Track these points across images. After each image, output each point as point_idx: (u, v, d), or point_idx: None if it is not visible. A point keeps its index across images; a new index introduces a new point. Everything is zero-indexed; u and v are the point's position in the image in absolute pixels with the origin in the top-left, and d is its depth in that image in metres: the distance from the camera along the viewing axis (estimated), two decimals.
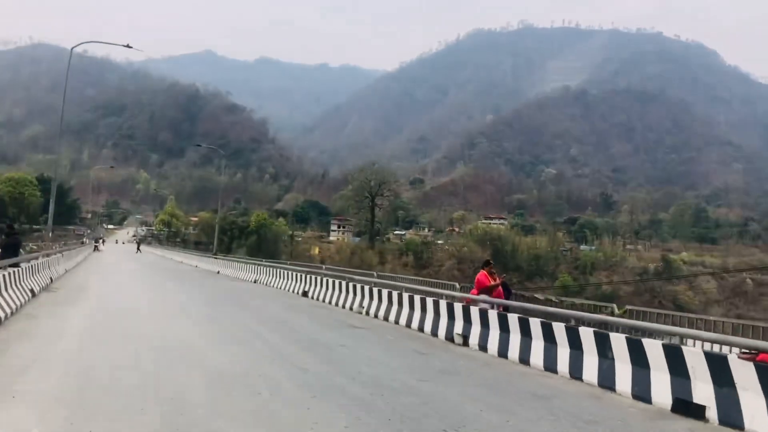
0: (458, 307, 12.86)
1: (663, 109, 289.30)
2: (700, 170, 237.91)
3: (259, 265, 32.83)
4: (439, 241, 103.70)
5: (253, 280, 30.59)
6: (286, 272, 26.76)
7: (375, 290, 17.33)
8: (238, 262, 39.09)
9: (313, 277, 22.93)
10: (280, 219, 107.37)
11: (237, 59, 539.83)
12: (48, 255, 24.10)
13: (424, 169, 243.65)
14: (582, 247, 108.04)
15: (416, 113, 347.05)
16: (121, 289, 22.64)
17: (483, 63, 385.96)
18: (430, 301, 14.09)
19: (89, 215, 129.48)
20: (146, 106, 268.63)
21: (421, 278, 28.91)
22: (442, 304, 13.53)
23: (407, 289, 16.46)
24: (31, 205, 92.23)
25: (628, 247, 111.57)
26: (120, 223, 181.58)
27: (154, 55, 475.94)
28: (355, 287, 18.95)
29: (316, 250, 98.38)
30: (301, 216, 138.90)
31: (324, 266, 28.06)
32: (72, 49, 25.34)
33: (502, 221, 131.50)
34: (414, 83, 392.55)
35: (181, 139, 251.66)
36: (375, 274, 24.10)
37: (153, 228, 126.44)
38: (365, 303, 17.75)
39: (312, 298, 21.80)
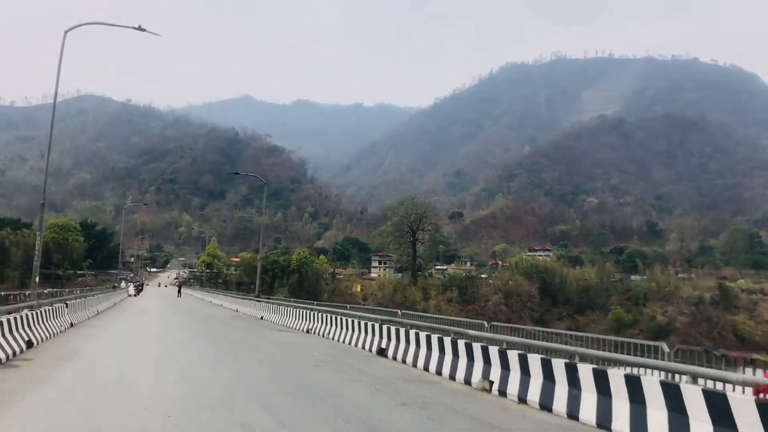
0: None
1: (704, 135, 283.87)
2: (747, 195, 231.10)
3: (310, 310, 26.89)
4: (483, 275, 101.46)
5: (305, 330, 25.39)
6: (348, 321, 21.14)
7: (513, 355, 11.33)
8: (283, 305, 32.82)
9: (392, 328, 17.12)
10: (321, 257, 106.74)
11: (275, 102, 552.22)
12: (33, 307, 17.71)
13: (462, 202, 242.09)
14: (632, 277, 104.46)
15: (452, 148, 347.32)
16: (126, 366, 14.22)
17: (517, 96, 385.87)
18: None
19: (132, 259, 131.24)
20: (188, 151, 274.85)
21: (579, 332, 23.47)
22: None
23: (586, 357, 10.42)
24: (75, 251, 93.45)
25: (681, 275, 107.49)
26: (163, 266, 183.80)
27: (195, 101, 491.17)
28: (467, 348, 12.86)
29: (358, 288, 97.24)
30: (342, 253, 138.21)
31: (401, 312, 20.81)
32: (66, 32, 19.77)
33: (547, 253, 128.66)
34: (448, 118, 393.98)
35: (221, 182, 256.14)
36: (486, 324, 14.60)
37: (195, 270, 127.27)
38: (495, 375, 11.65)
39: (394, 358, 16.21)
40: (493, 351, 11.86)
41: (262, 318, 34.09)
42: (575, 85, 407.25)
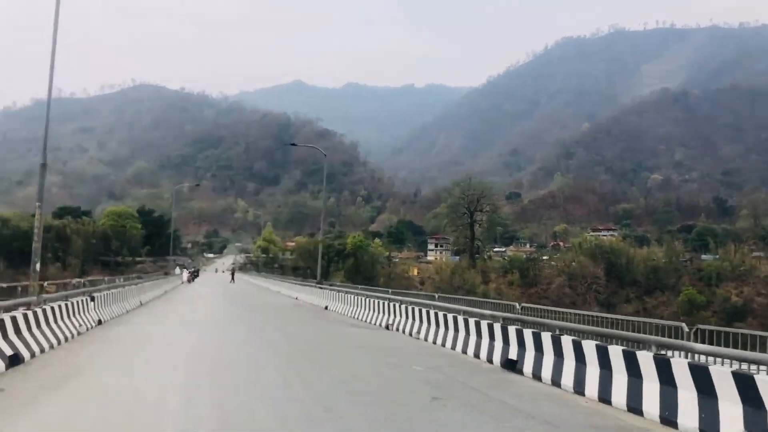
0: None
1: None
2: None
3: (389, 300, 21.65)
4: (544, 257, 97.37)
5: (383, 325, 20.56)
6: (447, 318, 16.07)
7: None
8: (351, 294, 27.37)
9: (527, 333, 12.05)
10: (376, 240, 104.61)
11: (325, 87, 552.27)
12: (31, 305, 13.16)
13: (519, 182, 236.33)
14: (703, 256, 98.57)
15: (506, 127, 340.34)
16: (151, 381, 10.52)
17: (574, 71, 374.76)
18: None
19: (189, 245, 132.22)
20: (241, 137, 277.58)
21: None
22: None
23: None
24: (133, 238, 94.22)
25: (756, 254, 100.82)
26: (220, 252, 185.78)
27: (247, 88, 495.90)
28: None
29: (415, 271, 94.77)
30: (396, 236, 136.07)
31: (519, 305, 14.95)
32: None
33: (611, 233, 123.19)
34: (502, 97, 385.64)
35: (275, 167, 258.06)
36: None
37: (251, 255, 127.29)
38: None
39: (535, 377, 11.31)
40: None
41: (326, 308, 29.44)
42: (635, 58, 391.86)
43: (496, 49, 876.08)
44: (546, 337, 11.33)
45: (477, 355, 13.76)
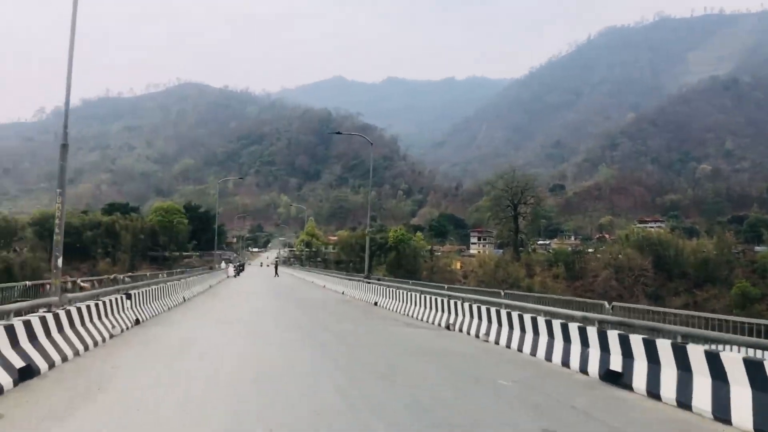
0: None
1: None
2: None
3: (449, 298, 19.07)
4: (590, 250, 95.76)
5: (443, 325, 18.39)
6: (522, 319, 13.82)
7: None
8: (403, 289, 24.97)
9: (636, 339, 9.85)
10: (418, 234, 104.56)
11: (365, 82, 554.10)
12: (52, 306, 11.51)
13: (562, 174, 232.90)
14: (756, 248, 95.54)
15: (548, 119, 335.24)
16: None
17: (618, 61, 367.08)
18: None
19: (234, 240, 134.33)
20: (283, 133, 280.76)
21: None
22: None
23: None
24: (180, 233, 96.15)
25: None
26: (264, 246, 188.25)
27: (288, 85, 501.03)
28: None
29: (458, 265, 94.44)
30: (438, 230, 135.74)
31: (609, 304, 12.73)
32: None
33: (659, 224, 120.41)
34: (544, 88, 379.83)
35: (316, 162, 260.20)
36: None
37: (294, 249, 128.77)
38: None
39: (653, 395, 9.16)
40: None
41: (375, 304, 27.32)
42: (680, 46, 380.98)
43: (537, 40, 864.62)
44: (664, 346, 9.10)
45: (566, 364, 11.59)
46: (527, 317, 13.61)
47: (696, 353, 8.47)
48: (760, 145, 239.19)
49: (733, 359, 7.86)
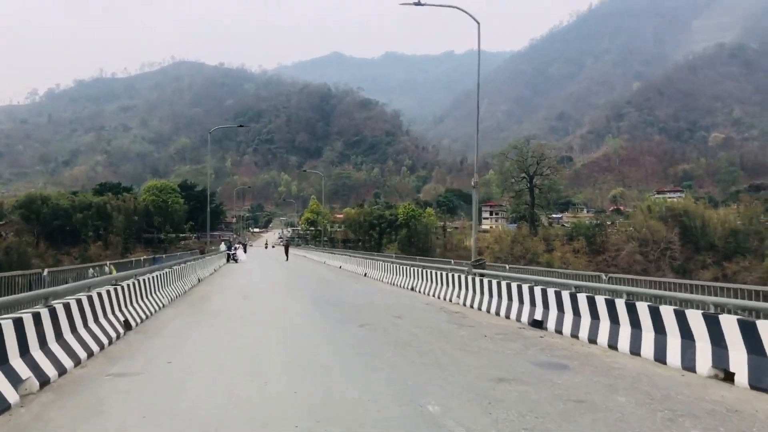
0: None
1: None
2: None
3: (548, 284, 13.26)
4: (608, 222, 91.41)
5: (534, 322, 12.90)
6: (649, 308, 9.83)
7: None
8: (462, 273, 17.85)
9: (734, 321, 8.10)
10: (428, 209, 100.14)
11: (364, 58, 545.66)
12: None
13: (568, 146, 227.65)
14: None
15: (551, 90, 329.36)
16: None
17: (620, 30, 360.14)
18: None
19: (234, 220, 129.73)
20: (282, 110, 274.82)
21: None
22: None
23: None
24: (176, 213, 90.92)
25: None
26: (266, 226, 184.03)
27: (285, 62, 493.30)
28: None
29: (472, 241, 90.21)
30: (446, 205, 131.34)
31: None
32: None
33: (678, 194, 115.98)
34: (546, 60, 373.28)
35: (317, 139, 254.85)
36: None
37: (299, 228, 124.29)
38: None
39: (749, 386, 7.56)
40: None
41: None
42: (685, 14, 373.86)
43: (537, 11, 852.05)
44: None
45: (693, 366, 8.57)
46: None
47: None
48: None
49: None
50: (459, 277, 18.12)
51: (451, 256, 76.14)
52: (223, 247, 52.08)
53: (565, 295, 12.13)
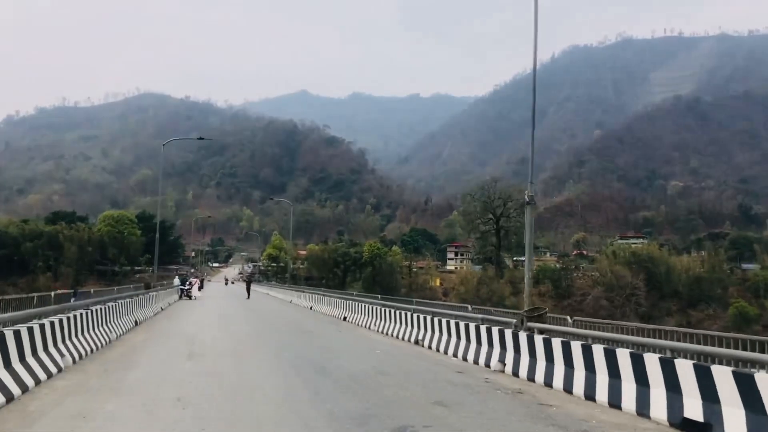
0: None
1: None
2: None
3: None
4: (573, 266, 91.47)
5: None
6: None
7: None
8: (505, 326, 12.92)
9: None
10: (394, 248, 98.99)
11: (331, 97, 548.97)
12: None
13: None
14: (745, 266, 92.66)
15: (514, 136, 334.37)
16: None
17: (582, 80, 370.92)
18: None
19: (193, 254, 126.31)
20: (247, 145, 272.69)
21: None
22: None
23: None
24: (132, 245, 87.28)
25: None
26: (226, 261, 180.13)
27: (252, 98, 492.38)
28: None
29: (437, 282, 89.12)
30: (411, 245, 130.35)
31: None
32: None
33: (641, 240, 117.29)
34: (509, 105, 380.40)
35: (281, 175, 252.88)
36: None
37: (260, 264, 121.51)
38: None
39: None
40: None
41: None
42: (643, 66, 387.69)
43: (501, 58, 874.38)
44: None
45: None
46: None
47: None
48: (723, 164, 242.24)
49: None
50: (501, 332, 12.51)
51: (416, 296, 74.77)
52: (176, 281, 48.19)
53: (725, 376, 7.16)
